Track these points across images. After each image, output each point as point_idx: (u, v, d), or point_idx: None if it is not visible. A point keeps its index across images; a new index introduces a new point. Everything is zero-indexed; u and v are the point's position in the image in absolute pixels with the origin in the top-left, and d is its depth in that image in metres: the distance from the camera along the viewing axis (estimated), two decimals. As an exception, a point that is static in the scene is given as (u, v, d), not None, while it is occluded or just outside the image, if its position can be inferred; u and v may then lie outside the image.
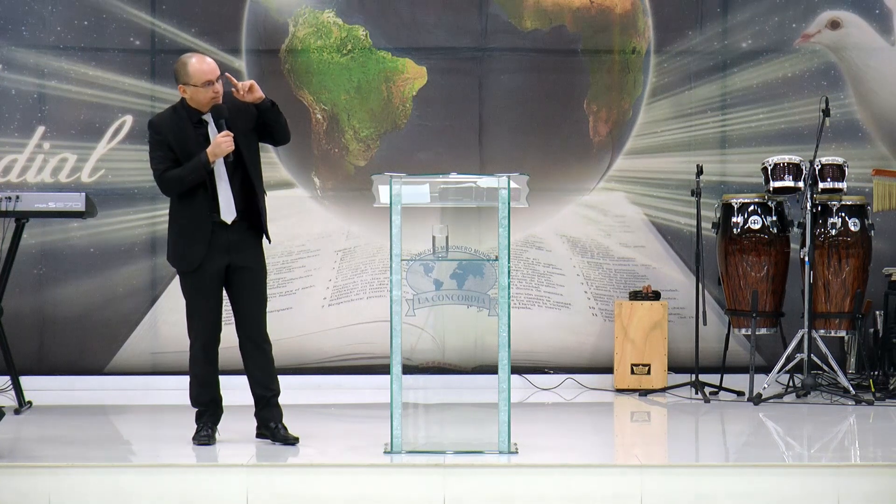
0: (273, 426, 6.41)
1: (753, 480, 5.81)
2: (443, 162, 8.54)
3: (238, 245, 6.30)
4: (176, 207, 6.37)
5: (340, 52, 8.67)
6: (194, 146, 6.25)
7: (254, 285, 6.37)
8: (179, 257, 6.37)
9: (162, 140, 6.29)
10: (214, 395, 6.49)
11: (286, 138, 6.42)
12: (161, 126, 6.32)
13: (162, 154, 6.30)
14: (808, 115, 8.62)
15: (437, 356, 8.71)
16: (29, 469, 5.86)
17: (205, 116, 6.30)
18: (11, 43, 8.59)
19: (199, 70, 6.22)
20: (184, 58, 6.30)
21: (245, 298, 6.37)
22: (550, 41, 8.73)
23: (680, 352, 8.53)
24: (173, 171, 6.28)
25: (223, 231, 6.28)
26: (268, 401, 6.44)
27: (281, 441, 6.38)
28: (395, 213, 6.12)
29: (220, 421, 6.53)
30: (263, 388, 6.42)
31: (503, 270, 6.12)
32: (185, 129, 6.28)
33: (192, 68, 6.23)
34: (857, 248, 8.06)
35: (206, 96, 6.25)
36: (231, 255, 6.30)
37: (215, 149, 6.19)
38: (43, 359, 8.56)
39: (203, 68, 6.23)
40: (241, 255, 6.31)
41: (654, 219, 8.80)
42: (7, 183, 8.53)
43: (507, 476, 5.87)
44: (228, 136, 6.20)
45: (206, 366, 6.42)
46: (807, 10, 8.76)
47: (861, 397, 7.72)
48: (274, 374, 6.45)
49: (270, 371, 6.44)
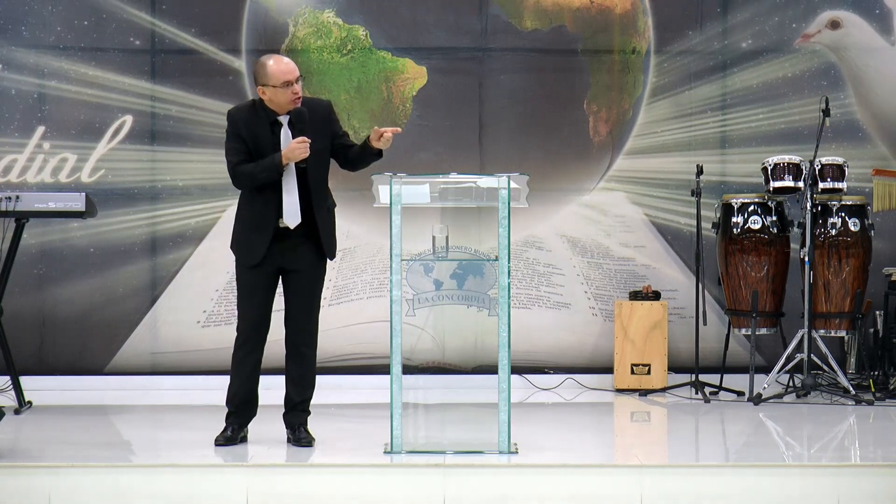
0: (295, 429, 6.43)
1: (753, 480, 5.80)
2: (443, 162, 8.54)
3: (295, 250, 6.30)
4: (245, 200, 6.39)
5: (340, 52, 8.68)
6: (266, 145, 6.25)
7: (304, 291, 6.36)
8: (242, 250, 6.38)
9: (237, 132, 6.28)
10: (247, 397, 6.44)
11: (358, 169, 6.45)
12: (238, 119, 6.31)
13: (236, 146, 6.29)
14: (808, 115, 8.62)
15: (437, 356, 8.71)
16: (29, 469, 5.86)
17: (280, 118, 6.29)
18: (11, 43, 8.60)
19: (278, 70, 6.20)
20: (262, 59, 6.30)
21: (294, 302, 6.37)
22: (550, 41, 8.73)
23: (680, 352, 8.53)
24: (246, 165, 6.26)
25: (284, 235, 6.28)
26: (295, 405, 6.44)
27: (295, 443, 6.38)
28: (395, 213, 6.12)
29: (248, 423, 6.50)
30: (296, 392, 6.43)
31: (503, 270, 6.12)
32: (259, 126, 6.27)
33: (270, 69, 6.21)
34: (857, 248, 8.07)
35: (285, 97, 6.22)
36: (287, 259, 6.31)
37: (290, 153, 6.18)
38: (43, 359, 8.56)
39: (281, 68, 6.21)
40: (297, 259, 6.32)
41: (654, 219, 8.80)
42: (7, 183, 8.53)
43: (507, 476, 5.87)
44: (305, 142, 6.18)
45: (241, 365, 6.40)
46: (807, 10, 8.76)
47: (861, 397, 7.72)
48: (310, 380, 6.45)
49: (307, 375, 6.44)
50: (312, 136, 6.24)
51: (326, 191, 6.38)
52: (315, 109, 6.34)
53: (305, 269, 6.34)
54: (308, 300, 6.38)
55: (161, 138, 8.63)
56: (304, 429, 6.43)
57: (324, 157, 6.31)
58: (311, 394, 6.47)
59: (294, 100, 6.24)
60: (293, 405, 6.45)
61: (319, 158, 6.29)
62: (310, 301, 6.39)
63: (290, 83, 6.21)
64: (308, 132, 6.25)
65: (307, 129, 6.25)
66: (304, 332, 6.41)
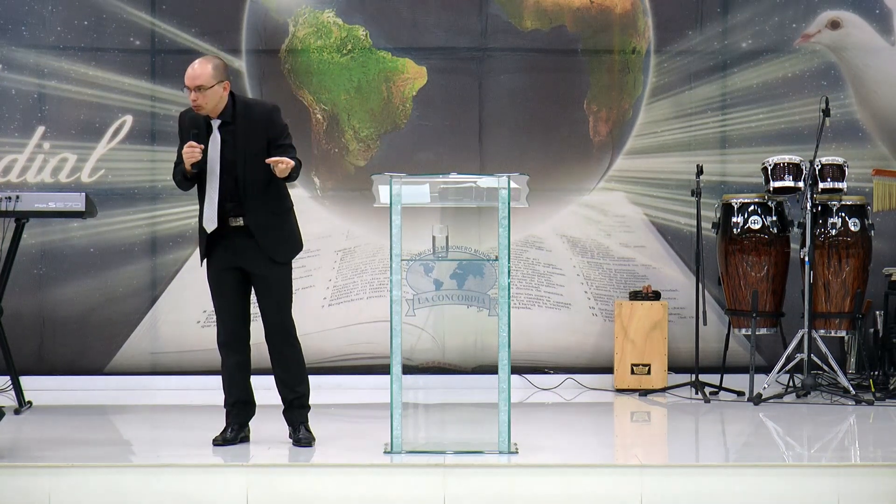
0: (296, 427, 6.44)
1: (753, 480, 5.81)
2: (443, 162, 8.54)
3: (245, 252, 6.31)
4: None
5: (340, 52, 8.67)
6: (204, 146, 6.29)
7: (265, 293, 6.36)
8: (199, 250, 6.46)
9: (180, 133, 6.35)
10: (240, 396, 6.45)
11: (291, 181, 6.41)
12: (183, 119, 6.39)
13: (178, 147, 6.35)
14: (808, 115, 8.62)
15: (437, 356, 8.71)
16: (29, 469, 5.86)
17: (213, 121, 6.30)
18: (11, 43, 8.60)
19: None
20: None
21: (261, 303, 6.39)
22: (550, 41, 8.73)
23: (680, 352, 8.53)
24: (176, 168, 6.36)
25: (223, 233, 6.30)
26: (291, 402, 6.45)
27: (295, 443, 6.40)
28: (395, 213, 6.12)
29: (248, 421, 6.50)
30: (286, 391, 6.44)
31: (503, 270, 6.12)
32: (199, 127, 6.30)
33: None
34: (857, 248, 8.07)
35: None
36: (239, 259, 6.32)
37: (184, 156, 6.24)
38: (43, 359, 8.56)
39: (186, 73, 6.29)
40: (251, 261, 6.33)
41: (654, 219, 8.80)
42: (7, 183, 8.53)
43: (507, 476, 5.87)
44: (191, 146, 6.19)
45: (226, 365, 6.43)
46: (807, 10, 8.76)
47: (861, 397, 7.72)
48: (297, 376, 6.44)
49: (292, 372, 6.43)
50: (246, 138, 6.25)
51: (271, 193, 6.32)
52: (254, 111, 6.35)
53: (262, 271, 6.34)
54: (271, 301, 6.36)
55: (161, 138, 8.63)
56: (305, 427, 6.43)
57: (259, 160, 6.25)
58: (304, 389, 6.46)
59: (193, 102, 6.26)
60: (288, 402, 6.46)
61: (254, 161, 6.25)
62: (273, 302, 6.36)
63: (189, 89, 6.25)
64: (238, 134, 6.25)
65: (238, 131, 6.26)
66: (277, 332, 6.39)
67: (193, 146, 6.19)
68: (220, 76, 6.26)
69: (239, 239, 6.30)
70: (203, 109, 6.25)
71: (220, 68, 6.29)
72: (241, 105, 6.33)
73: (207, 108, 6.25)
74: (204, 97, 6.22)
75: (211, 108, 6.26)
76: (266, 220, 6.31)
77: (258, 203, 6.29)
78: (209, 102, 6.24)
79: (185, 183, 6.37)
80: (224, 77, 6.29)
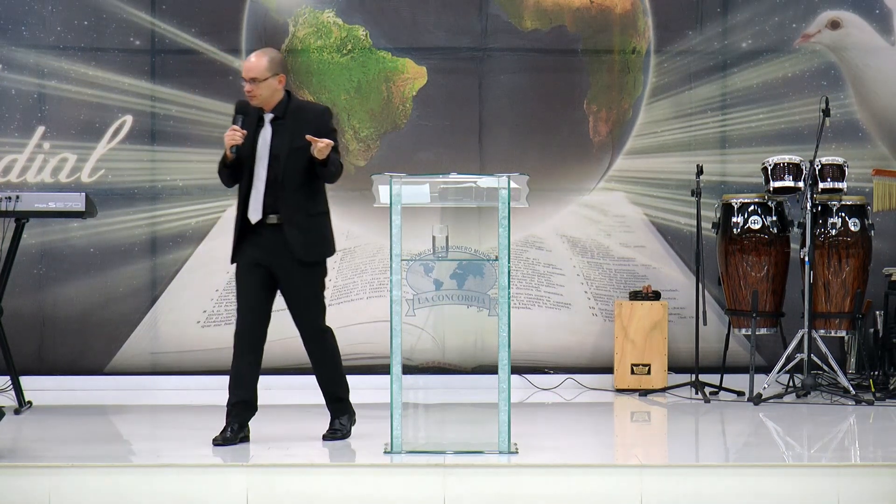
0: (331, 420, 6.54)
1: (753, 480, 5.80)
2: (443, 162, 8.54)
3: (272, 249, 6.35)
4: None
5: (340, 52, 8.68)
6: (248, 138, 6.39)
7: (292, 293, 6.40)
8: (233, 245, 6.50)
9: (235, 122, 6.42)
10: (242, 396, 6.43)
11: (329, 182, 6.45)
12: (238, 104, 6.50)
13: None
14: (808, 115, 8.62)
15: (437, 356, 8.71)
16: (29, 469, 5.86)
17: (265, 115, 6.40)
18: (11, 43, 8.60)
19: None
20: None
21: (288, 301, 6.44)
22: (550, 41, 8.73)
23: (680, 352, 8.53)
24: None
25: (255, 229, 6.35)
26: (329, 398, 6.55)
27: (323, 437, 6.48)
28: (395, 213, 6.12)
29: (248, 422, 6.48)
30: (322, 386, 6.54)
31: (503, 270, 6.12)
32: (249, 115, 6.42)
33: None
34: (857, 248, 8.06)
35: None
36: (266, 258, 6.36)
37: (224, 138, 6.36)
38: (43, 359, 8.56)
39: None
40: (276, 261, 6.36)
41: (654, 219, 8.80)
42: (7, 183, 8.53)
43: (507, 476, 5.87)
44: (233, 129, 6.31)
45: (235, 365, 6.43)
46: (807, 10, 8.76)
47: (861, 397, 7.72)
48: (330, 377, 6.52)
49: (322, 370, 6.51)
50: (293, 135, 6.31)
51: (308, 193, 6.37)
52: (306, 110, 6.46)
53: (288, 273, 6.37)
54: (298, 304, 6.42)
55: (161, 138, 8.63)
56: (339, 421, 6.51)
57: (301, 158, 6.31)
58: (335, 389, 6.53)
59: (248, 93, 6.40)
60: (327, 398, 6.56)
61: (296, 159, 6.31)
62: (301, 305, 6.42)
63: (245, 80, 6.37)
64: (287, 130, 6.33)
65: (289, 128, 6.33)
66: (306, 333, 6.45)
67: (235, 129, 6.32)
68: (275, 69, 6.36)
69: (270, 236, 6.34)
70: (256, 100, 6.37)
71: (275, 62, 6.39)
72: (294, 103, 6.46)
73: (260, 99, 6.36)
74: (258, 88, 6.33)
75: (264, 99, 6.37)
76: (300, 219, 6.35)
77: (295, 201, 6.34)
78: (262, 94, 6.35)
79: (224, 172, 6.43)
80: (279, 71, 6.38)
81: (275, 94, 6.37)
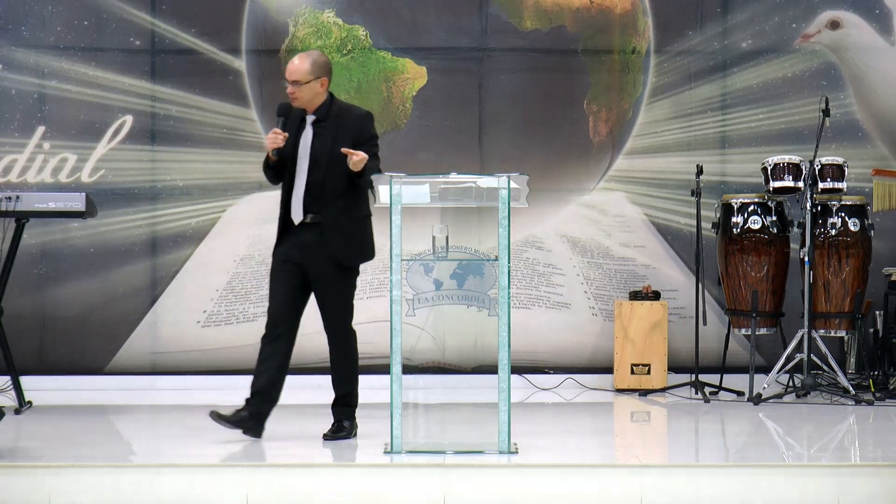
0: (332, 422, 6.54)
1: (753, 480, 5.80)
2: (443, 162, 8.54)
3: (309, 249, 6.41)
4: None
5: (340, 52, 8.68)
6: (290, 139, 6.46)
7: (324, 295, 6.48)
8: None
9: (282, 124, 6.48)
10: (261, 387, 6.44)
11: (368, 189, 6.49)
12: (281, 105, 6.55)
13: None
14: (808, 115, 8.63)
15: (437, 356, 8.71)
16: (29, 469, 5.85)
17: (307, 116, 6.46)
18: (11, 43, 8.60)
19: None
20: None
21: (319, 302, 6.51)
22: (550, 41, 8.73)
23: (680, 352, 8.53)
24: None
25: (296, 228, 6.43)
26: (336, 399, 6.57)
27: (324, 436, 6.49)
28: (395, 213, 6.12)
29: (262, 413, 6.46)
30: (334, 386, 6.57)
31: (503, 270, 6.12)
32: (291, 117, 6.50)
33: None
34: (857, 248, 8.06)
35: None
36: (303, 258, 6.42)
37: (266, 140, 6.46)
38: (43, 359, 8.56)
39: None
40: (312, 261, 6.42)
41: (654, 219, 8.80)
42: (7, 183, 8.54)
43: (507, 476, 5.86)
44: (274, 133, 6.40)
45: (261, 352, 6.48)
46: (807, 10, 8.76)
47: (861, 397, 7.72)
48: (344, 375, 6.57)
49: (340, 373, 6.56)
50: (334, 138, 6.38)
51: (349, 196, 6.42)
52: (347, 114, 6.52)
53: (322, 274, 6.43)
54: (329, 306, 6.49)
55: (161, 138, 8.64)
56: (340, 423, 6.51)
57: (342, 161, 6.34)
58: (348, 390, 6.55)
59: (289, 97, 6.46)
60: (335, 399, 6.58)
61: (337, 162, 6.35)
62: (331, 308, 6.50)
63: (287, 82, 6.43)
64: (328, 133, 6.40)
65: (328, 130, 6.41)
66: (333, 334, 6.55)
67: (277, 132, 6.41)
68: (317, 73, 6.42)
69: (309, 237, 6.41)
70: (298, 102, 6.45)
71: (318, 65, 6.44)
72: (336, 106, 6.52)
73: (302, 101, 6.43)
74: (299, 90, 6.40)
75: (306, 102, 6.43)
76: (340, 221, 6.40)
77: (337, 204, 6.39)
78: (304, 96, 6.42)
79: (268, 171, 6.55)
80: (322, 74, 6.44)
81: (316, 97, 6.45)
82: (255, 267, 8.59)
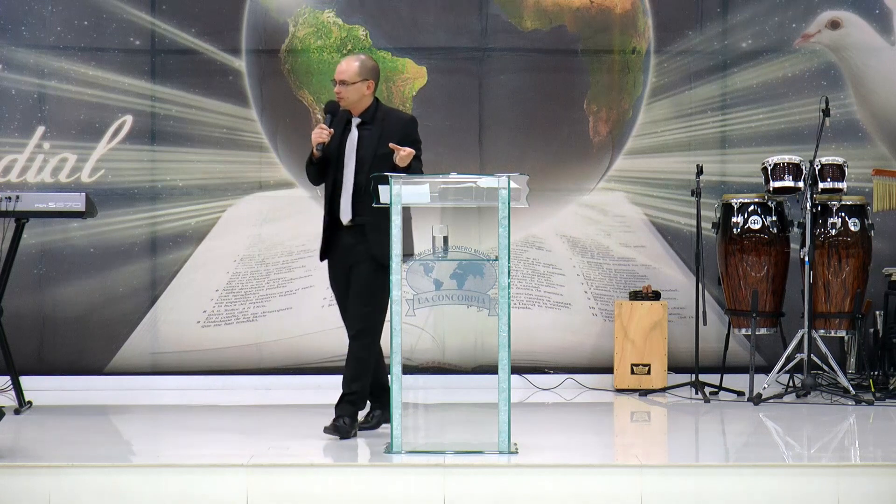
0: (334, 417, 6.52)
1: (753, 480, 5.80)
2: (443, 162, 8.53)
3: (352, 248, 6.52)
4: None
5: (340, 52, 8.67)
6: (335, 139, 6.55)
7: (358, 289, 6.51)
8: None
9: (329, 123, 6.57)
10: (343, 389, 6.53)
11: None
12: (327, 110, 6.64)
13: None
14: (808, 115, 8.63)
15: (437, 356, 8.71)
16: (29, 469, 5.86)
17: (353, 119, 6.56)
18: (11, 43, 8.60)
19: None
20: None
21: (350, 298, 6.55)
22: (550, 41, 8.73)
23: (680, 352, 8.53)
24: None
25: (342, 230, 6.52)
26: (342, 396, 6.55)
27: (324, 429, 6.49)
28: (395, 213, 6.12)
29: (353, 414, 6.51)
30: (343, 382, 6.55)
31: (503, 270, 6.12)
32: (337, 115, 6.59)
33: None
34: (857, 248, 8.06)
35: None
36: (346, 256, 6.53)
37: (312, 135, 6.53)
38: (43, 359, 8.56)
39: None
40: (354, 259, 6.51)
41: (654, 219, 8.80)
42: (7, 183, 8.54)
43: (507, 476, 5.87)
44: (321, 127, 6.48)
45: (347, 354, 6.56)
46: (807, 10, 8.76)
47: (861, 397, 7.72)
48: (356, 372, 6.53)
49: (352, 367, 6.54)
50: (378, 141, 6.47)
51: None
52: (392, 118, 6.61)
53: (363, 271, 6.49)
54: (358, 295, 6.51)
55: (161, 138, 8.64)
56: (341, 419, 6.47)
57: (385, 165, 6.40)
58: (356, 387, 6.52)
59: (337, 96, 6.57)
60: (340, 395, 6.56)
61: (381, 164, 6.42)
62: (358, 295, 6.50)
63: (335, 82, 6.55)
64: (373, 136, 6.49)
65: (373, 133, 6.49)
66: (354, 319, 6.55)
67: (323, 128, 6.51)
68: (364, 75, 6.53)
69: (352, 237, 6.51)
70: (344, 102, 6.56)
71: (366, 67, 6.55)
72: (382, 110, 6.64)
73: (347, 102, 6.55)
74: (346, 90, 6.52)
75: (352, 102, 6.55)
76: (382, 222, 6.37)
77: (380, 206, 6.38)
78: (350, 97, 6.53)
79: (311, 169, 6.61)
80: (369, 77, 6.55)
81: (363, 98, 6.55)
82: (254, 267, 8.60)
